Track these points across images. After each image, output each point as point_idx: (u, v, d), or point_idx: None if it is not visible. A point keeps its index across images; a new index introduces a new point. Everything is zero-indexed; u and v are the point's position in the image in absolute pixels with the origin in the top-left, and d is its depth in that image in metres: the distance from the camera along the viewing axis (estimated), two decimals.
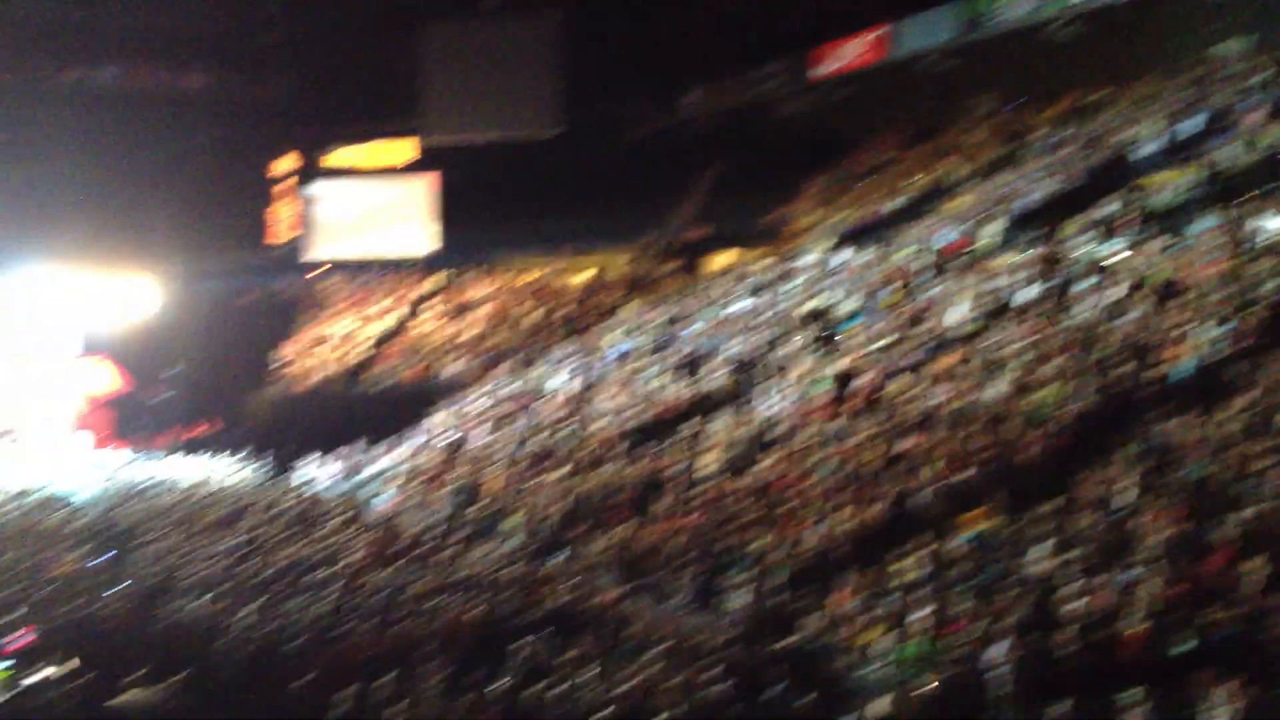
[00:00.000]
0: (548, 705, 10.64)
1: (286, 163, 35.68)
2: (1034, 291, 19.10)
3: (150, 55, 32.60)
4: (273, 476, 24.50)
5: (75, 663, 11.58)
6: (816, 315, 22.26)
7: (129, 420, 31.96)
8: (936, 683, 10.72)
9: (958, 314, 19.67)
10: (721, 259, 31.48)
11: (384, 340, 33.04)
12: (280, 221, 35.57)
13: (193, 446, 29.06)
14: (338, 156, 36.53)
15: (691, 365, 22.62)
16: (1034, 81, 28.28)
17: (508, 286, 34.04)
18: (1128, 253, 19.04)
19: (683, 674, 11.12)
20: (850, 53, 31.23)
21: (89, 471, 26.03)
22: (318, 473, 24.76)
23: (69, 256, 31.20)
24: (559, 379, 25.17)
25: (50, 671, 11.45)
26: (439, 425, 25.14)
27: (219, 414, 31.11)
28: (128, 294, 31.72)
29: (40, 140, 31.13)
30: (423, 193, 36.13)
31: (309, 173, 36.09)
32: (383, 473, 23.47)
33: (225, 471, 25.28)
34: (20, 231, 30.91)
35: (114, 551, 18.42)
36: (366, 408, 28.75)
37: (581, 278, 33.96)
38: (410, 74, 34.34)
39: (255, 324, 34.78)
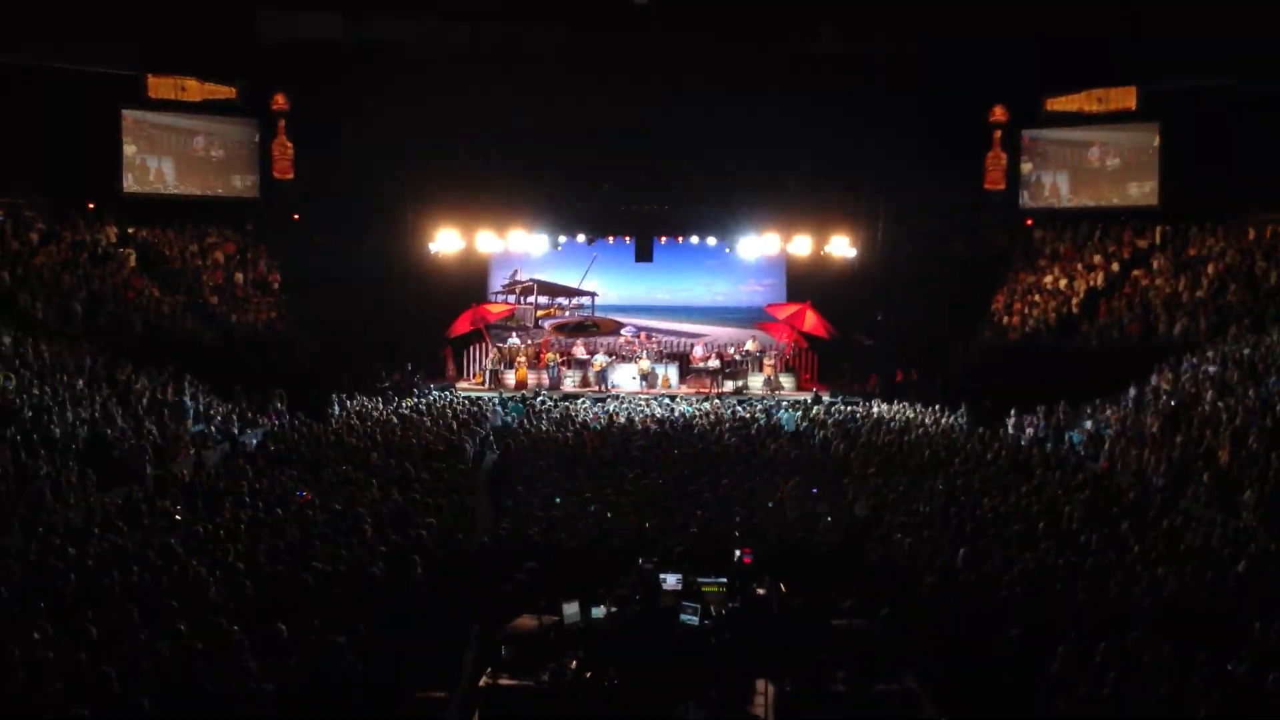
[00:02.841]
0: None
1: (1001, 110, 34.84)
2: None
3: (862, 24, 33.17)
4: (976, 426, 24.20)
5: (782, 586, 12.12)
6: None
7: (832, 364, 33.32)
8: None
9: None
10: None
11: (1098, 294, 31.34)
12: (994, 170, 34.89)
13: (894, 392, 29.63)
14: (1056, 103, 35.04)
15: None
16: None
17: (1241, 243, 30.76)
18: None
19: None
20: None
21: (796, 408, 27.54)
22: (1025, 426, 24.10)
23: (776, 220, 32.92)
24: None
25: (763, 591, 12.07)
26: (1159, 387, 23.36)
27: (920, 362, 31.36)
28: (836, 244, 32.77)
29: (773, 112, 32.75)
30: (1145, 142, 33.73)
31: (1025, 120, 35.00)
32: (1096, 431, 22.30)
33: (928, 418, 25.43)
34: (751, 204, 33.02)
35: (823, 483, 19.31)
36: (1077, 363, 27.53)
37: None
38: (1137, 17, 32.06)
39: (962, 273, 34.56)
